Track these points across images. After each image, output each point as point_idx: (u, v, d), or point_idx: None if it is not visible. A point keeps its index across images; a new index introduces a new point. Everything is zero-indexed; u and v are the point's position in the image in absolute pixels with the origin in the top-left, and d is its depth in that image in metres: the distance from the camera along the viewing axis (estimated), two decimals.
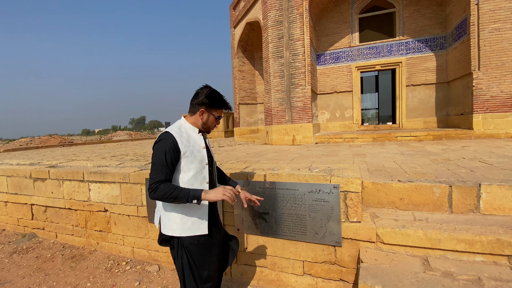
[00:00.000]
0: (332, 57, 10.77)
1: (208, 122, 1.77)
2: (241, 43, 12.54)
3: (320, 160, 4.93)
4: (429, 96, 9.70)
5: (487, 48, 6.90)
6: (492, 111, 7.00)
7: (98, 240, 3.77)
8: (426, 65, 9.59)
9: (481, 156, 4.30)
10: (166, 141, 1.61)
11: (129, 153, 7.41)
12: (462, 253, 1.94)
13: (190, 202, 1.57)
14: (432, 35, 9.42)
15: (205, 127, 1.79)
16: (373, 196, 2.66)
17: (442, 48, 9.31)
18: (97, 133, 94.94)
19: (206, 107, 1.72)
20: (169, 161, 1.59)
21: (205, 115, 1.74)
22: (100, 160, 4.90)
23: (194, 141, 1.74)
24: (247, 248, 2.72)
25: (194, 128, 1.77)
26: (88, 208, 3.76)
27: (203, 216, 1.72)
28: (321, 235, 2.36)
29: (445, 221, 2.21)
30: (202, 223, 1.71)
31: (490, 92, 6.98)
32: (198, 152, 1.73)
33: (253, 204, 2.06)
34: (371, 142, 7.94)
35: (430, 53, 9.51)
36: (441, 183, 2.47)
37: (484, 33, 6.89)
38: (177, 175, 1.67)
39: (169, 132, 1.66)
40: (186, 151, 1.66)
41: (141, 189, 3.30)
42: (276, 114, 8.79)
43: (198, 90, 1.74)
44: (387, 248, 2.15)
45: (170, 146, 1.60)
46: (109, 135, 41.36)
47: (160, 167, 1.57)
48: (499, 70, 6.84)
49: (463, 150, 5.17)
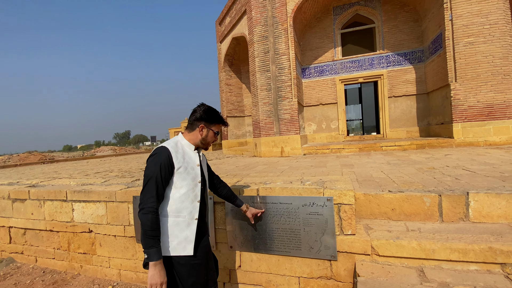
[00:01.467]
0: (316, 70, 11.04)
1: (208, 137, 1.78)
2: (228, 57, 12.67)
3: (309, 171, 4.94)
4: (411, 106, 10.05)
5: (462, 61, 7.28)
6: (471, 120, 7.31)
7: (82, 263, 3.55)
8: (406, 77, 9.99)
9: (464, 164, 4.43)
10: (161, 155, 1.59)
11: (114, 169, 7.18)
12: (456, 262, 1.94)
13: (144, 250, 1.52)
14: (411, 49, 9.88)
15: (204, 143, 1.79)
16: (365, 207, 2.66)
17: (420, 61, 9.75)
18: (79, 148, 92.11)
19: (206, 123, 1.74)
20: (163, 175, 1.57)
21: (204, 131, 1.75)
22: (83, 178, 4.71)
23: (189, 158, 1.73)
24: (240, 266, 2.63)
25: (190, 145, 1.76)
26: (71, 229, 3.56)
27: (190, 236, 1.66)
28: (316, 249, 2.32)
29: (437, 231, 2.22)
30: (188, 243, 1.65)
31: (468, 102, 7.31)
32: (191, 169, 1.70)
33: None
34: (357, 152, 8.06)
35: (409, 66, 9.93)
36: (430, 192, 2.51)
37: (459, 47, 7.28)
38: (169, 191, 1.64)
39: (165, 146, 1.65)
40: (180, 167, 1.64)
41: (128, 208, 3.17)
42: (264, 127, 8.82)
43: (195, 108, 1.76)
44: (383, 260, 2.13)
45: (165, 161, 1.58)
46: (92, 150, 40.19)
47: (154, 183, 1.54)
48: (475, 81, 7.20)
49: (446, 158, 5.32)
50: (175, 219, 1.65)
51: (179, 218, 1.65)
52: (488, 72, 7.07)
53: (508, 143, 6.98)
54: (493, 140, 7.10)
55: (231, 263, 2.67)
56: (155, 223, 1.52)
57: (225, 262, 2.68)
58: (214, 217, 2.70)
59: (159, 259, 1.51)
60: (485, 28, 7.03)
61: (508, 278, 1.76)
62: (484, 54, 7.06)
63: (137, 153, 22.83)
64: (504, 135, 7.03)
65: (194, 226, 1.68)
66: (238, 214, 2.56)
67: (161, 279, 1.51)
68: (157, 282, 1.50)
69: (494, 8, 6.94)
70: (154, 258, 1.50)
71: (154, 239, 1.51)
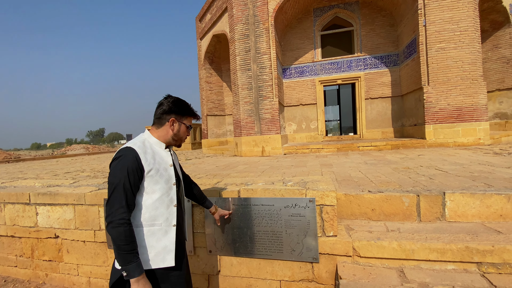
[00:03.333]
0: (297, 71, 11.11)
1: (180, 132, 1.56)
2: (208, 55, 12.43)
3: (290, 171, 4.92)
4: (386, 108, 10.38)
5: (435, 65, 7.60)
6: (442, 122, 7.65)
7: (48, 272, 3.27)
8: (382, 80, 10.30)
9: (436, 164, 4.60)
10: (127, 158, 1.37)
11: (86, 168, 6.78)
12: (434, 262, 1.96)
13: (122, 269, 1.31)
14: (387, 52, 10.19)
15: (176, 139, 1.57)
16: (345, 208, 2.65)
17: (396, 64, 10.09)
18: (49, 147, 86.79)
19: (176, 116, 1.52)
20: (132, 181, 1.35)
21: (176, 125, 1.53)
22: (51, 179, 4.37)
23: (161, 158, 1.52)
24: (220, 271, 2.52)
25: (160, 143, 1.54)
26: (35, 235, 3.27)
27: (169, 245, 1.48)
28: (298, 251, 2.26)
29: (416, 231, 2.24)
30: (168, 253, 1.47)
31: (439, 104, 7.65)
32: (164, 171, 1.51)
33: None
34: (335, 152, 8.19)
35: (385, 69, 10.25)
36: (409, 192, 2.54)
37: (432, 52, 7.60)
38: (140, 198, 1.42)
39: (131, 147, 1.42)
40: (151, 169, 1.43)
41: (99, 211, 2.95)
42: (245, 126, 8.73)
43: (162, 100, 1.54)
44: (364, 262, 2.11)
45: (132, 164, 1.36)
46: (63, 149, 38.13)
47: (122, 191, 1.33)
48: (446, 85, 7.55)
49: (419, 158, 5.51)
50: (150, 228, 1.45)
51: (154, 227, 1.46)
52: (458, 77, 7.44)
53: (475, 144, 7.38)
54: (461, 141, 7.49)
55: (210, 268, 2.55)
56: (129, 235, 1.31)
57: (204, 268, 2.56)
58: (192, 220, 2.57)
59: (141, 274, 1.32)
60: (455, 34, 7.38)
61: (484, 277, 1.80)
62: (455, 59, 7.42)
63: (112, 152, 21.89)
64: (471, 136, 7.42)
65: (172, 233, 1.50)
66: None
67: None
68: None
69: (464, 15, 7.30)
70: (135, 274, 1.30)
71: (131, 253, 1.31)
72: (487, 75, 9.83)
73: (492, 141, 7.55)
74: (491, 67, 9.96)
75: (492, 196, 2.32)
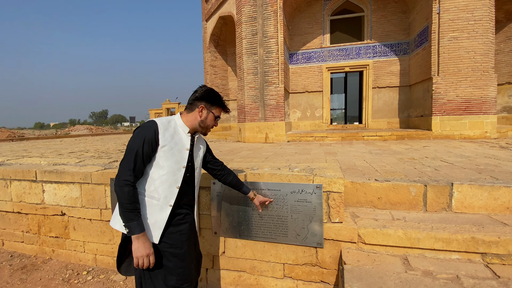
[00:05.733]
0: (304, 56, 10.90)
1: (207, 120, 1.64)
2: (214, 37, 12.20)
3: (294, 158, 4.91)
4: (393, 98, 10.24)
5: (446, 55, 7.42)
6: (449, 114, 7.55)
7: (54, 248, 3.35)
8: (390, 68, 10.10)
9: (441, 155, 4.57)
10: (147, 129, 1.49)
11: (90, 149, 6.81)
12: (439, 251, 1.98)
13: (124, 225, 1.42)
14: (397, 40, 9.94)
15: (203, 126, 1.65)
16: (351, 195, 2.66)
17: (406, 53, 9.86)
18: (52, 127, 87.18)
19: (206, 104, 1.61)
20: (145, 150, 1.47)
21: (204, 112, 1.62)
22: (56, 157, 4.39)
23: (179, 139, 1.60)
24: (225, 252, 2.57)
25: (185, 127, 1.62)
26: (41, 211, 3.32)
27: (159, 222, 1.55)
28: (303, 236, 2.29)
29: (422, 220, 2.25)
30: (156, 230, 1.54)
31: (447, 96, 7.52)
32: (178, 152, 1.57)
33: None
34: (340, 141, 8.15)
35: (394, 57, 10.02)
36: (416, 182, 2.53)
37: (444, 41, 7.40)
38: (149, 169, 1.53)
39: (155, 121, 1.54)
40: (165, 145, 1.52)
41: (105, 190, 2.98)
42: (250, 112, 8.67)
43: (197, 88, 1.64)
44: (368, 248, 2.14)
45: (150, 135, 1.48)
46: (67, 129, 38.31)
47: (134, 157, 1.45)
48: (456, 76, 7.39)
49: (425, 149, 5.48)
50: (150, 200, 1.53)
51: (153, 200, 1.54)
52: (469, 68, 7.27)
53: (481, 137, 7.31)
54: (468, 134, 7.41)
55: (214, 249, 2.60)
56: (132, 195, 1.42)
57: (209, 248, 2.61)
58: (198, 202, 2.59)
59: (141, 232, 1.42)
60: (469, 23, 7.15)
61: (488, 267, 1.81)
62: (467, 50, 7.22)
63: (115, 134, 21.95)
64: (478, 129, 7.34)
65: (166, 212, 1.56)
66: (224, 200, 2.47)
67: (146, 250, 1.44)
68: (143, 254, 1.43)
69: (480, 4, 7.04)
70: (136, 231, 1.41)
71: (133, 212, 1.42)
72: (498, 68, 9.60)
73: (498, 135, 7.47)
74: (503, 59, 9.71)
75: (501, 189, 2.31)
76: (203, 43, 12.67)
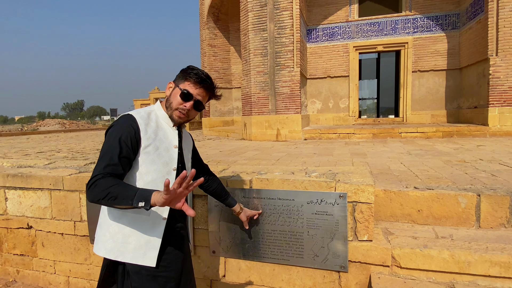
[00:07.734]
0: (325, 33, 10.86)
1: (171, 97, 1.57)
2: (213, 10, 12.26)
3: (312, 160, 4.92)
4: (439, 85, 10.11)
5: (507, 29, 7.28)
6: (510, 105, 7.41)
7: (19, 268, 3.45)
8: (436, 47, 9.97)
9: (501, 157, 4.52)
10: (124, 126, 1.43)
11: (62, 148, 6.97)
12: (496, 278, 1.95)
13: (136, 206, 1.25)
14: (444, 11, 9.79)
15: (167, 106, 1.58)
16: (384, 207, 2.65)
17: (455, 27, 9.72)
18: (17, 121, 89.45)
19: (175, 80, 1.59)
20: (124, 152, 1.38)
21: (170, 90, 1.59)
22: (21, 158, 4.51)
23: (164, 135, 1.56)
24: (225, 275, 2.60)
25: (168, 118, 1.60)
26: (4, 224, 3.41)
27: (154, 241, 1.51)
28: (323, 257, 2.29)
29: (474, 239, 2.23)
30: (150, 250, 1.50)
31: (509, 82, 7.40)
32: (165, 151, 1.55)
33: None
34: (370, 138, 8.15)
35: (441, 33, 9.89)
36: (466, 191, 2.51)
37: (504, 12, 7.26)
38: (130, 177, 1.47)
39: (132, 114, 1.49)
40: (149, 145, 1.47)
41: (80, 199, 3.04)
42: (257, 102, 8.70)
43: None
44: (405, 274, 2.13)
45: (128, 134, 1.41)
46: (35, 124, 39.14)
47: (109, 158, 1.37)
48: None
49: (479, 150, 5.43)
50: (137, 215, 1.48)
51: (141, 215, 1.48)
52: None
53: None
54: None
55: (213, 272, 2.63)
56: (112, 180, 1.30)
57: (205, 271, 2.64)
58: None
59: (152, 193, 1.26)
60: None
61: None
62: None
63: (93, 130, 22.36)
64: None
65: (161, 228, 1.53)
66: (225, 212, 2.49)
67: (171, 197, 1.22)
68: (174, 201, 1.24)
69: None
70: (147, 193, 1.26)
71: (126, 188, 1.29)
72: None
73: None
74: None
75: None
76: (200, 17, 12.75)
